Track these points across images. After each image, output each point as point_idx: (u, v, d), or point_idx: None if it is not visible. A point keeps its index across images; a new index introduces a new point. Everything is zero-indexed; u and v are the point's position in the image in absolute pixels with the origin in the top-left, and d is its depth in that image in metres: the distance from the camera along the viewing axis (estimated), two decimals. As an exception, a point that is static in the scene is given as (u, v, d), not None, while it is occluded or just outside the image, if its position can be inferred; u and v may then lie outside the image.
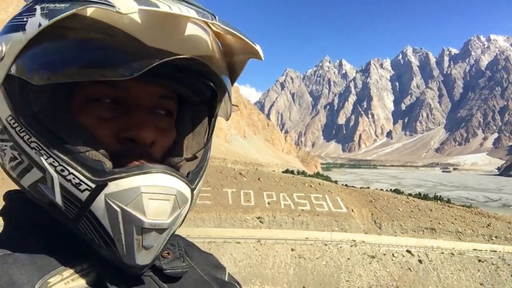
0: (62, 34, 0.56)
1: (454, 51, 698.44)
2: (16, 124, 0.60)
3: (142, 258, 0.59)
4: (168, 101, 0.70)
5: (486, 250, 31.00)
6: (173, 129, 0.72)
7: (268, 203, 35.07)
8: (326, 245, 30.43)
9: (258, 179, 39.68)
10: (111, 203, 0.56)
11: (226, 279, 0.88)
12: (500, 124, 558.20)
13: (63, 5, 0.54)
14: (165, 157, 0.70)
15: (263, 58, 0.69)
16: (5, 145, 0.62)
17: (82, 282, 0.59)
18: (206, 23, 0.63)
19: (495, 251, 30.83)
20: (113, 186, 0.56)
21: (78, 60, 0.55)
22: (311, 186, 39.46)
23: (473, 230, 33.36)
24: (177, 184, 0.60)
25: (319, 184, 41.09)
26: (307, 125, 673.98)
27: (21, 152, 0.60)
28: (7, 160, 0.63)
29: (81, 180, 0.57)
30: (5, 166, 0.65)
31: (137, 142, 0.62)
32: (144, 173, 0.57)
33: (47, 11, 0.55)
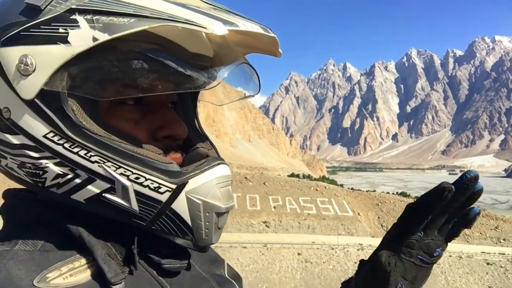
0: (111, 46, 0.56)
1: (459, 52, 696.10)
2: (62, 140, 0.59)
3: (216, 237, 0.68)
4: (173, 94, 0.73)
5: (495, 253, 30.74)
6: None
7: (274, 207, 35.05)
8: (332, 249, 30.31)
9: (264, 183, 39.67)
10: (192, 198, 0.62)
11: (226, 273, 0.89)
12: (506, 125, 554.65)
13: (125, 19, 0.54)
14: (186, 145, 0.74)
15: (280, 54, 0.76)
16: (46, 163, 0.61)
17: (80, 277, 0.59)
18: None
19: (503, 254, 30.55)
20: (192, 183, 0.62)
21: (143, 75, 0.58)
22: (317, 190, 39.40)
23: (481, 233, 33.14)
24: (229, 170, 0.69)
25: (325, 187, 41.03)
26: (312, 128, 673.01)
27: (75, 168, 0.60)
28: (49, 177, 0.62)
29: (160, 184, 0.60)
30: (45, 183, 0.63)
31: (175, 138, 0.68)
32: (212, 167, 0.65)
33: (101, 25, 0.54)
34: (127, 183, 0.60)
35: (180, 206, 0.62)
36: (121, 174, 0.59)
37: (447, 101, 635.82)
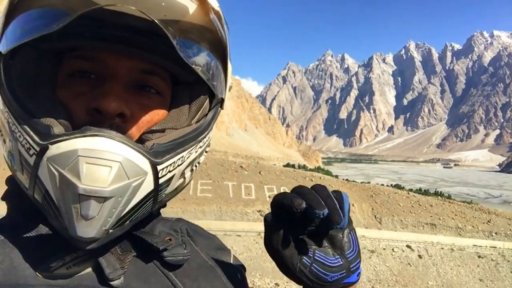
0: (27, 6, 0.58)
1: (457, 46, 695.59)
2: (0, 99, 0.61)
3: (83, 230, 0.54)
4: (154, 77, 0.67)
5: (486, 246, 31.02)
6: (163, 108, 0.69)
7: (269, 196, 35.10)
8: (326, 239, 30.48)
9: (259, 172, 39.73)
10: (51, 166, 0.53)
11: (232, 262, 0.87)
12: (502, 120, 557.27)
13: None
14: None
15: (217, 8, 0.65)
16: None
17: (84, 267, 0.58)
18: None
19: (495, 247, 30.84)
20: (54, 149, 0.53)
21: (25, 27, 0.57)
22: (312, 180, 39.49)
23: (473, 226, 33.41)
24: (124, 151, 0.54)
25: (320, 178, 41.16)
26: (308, 119, 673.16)
27: (1, 124, 0.62)
28: None
29: (30, 145, 0.55)
30: None
31: (102, 111, 0.60)
32: (85, 136, 0.53)
33: None
34: (13, 141, 0.58)
35: (44, 174, 0.54)
36: (13, 131, 0.57)
37: (444, 95, 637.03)
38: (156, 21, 0.57)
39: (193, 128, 0.68)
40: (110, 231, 0.57)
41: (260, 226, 31.07)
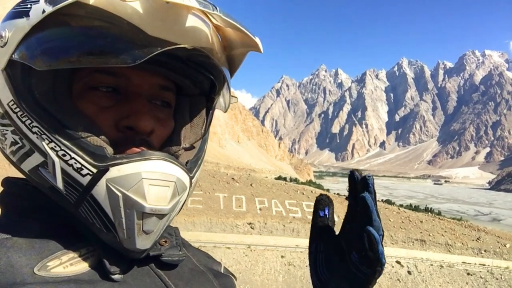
0: (65, 21, 0.56)
1: (449, 64, 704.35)
2: (17, 109, 0.60)
3: (142, 243, 0.60)
4: (167, 92, 0.71)
5: (475, 264, 31.04)
6: (171, 120, 0.73)
7: (260, 209, 34.98)
8: (316, 253, 30.33)
9: (251, 184, 39.61)
10: (112, 187, 0.56)
11: (222, 271, 0.89)
12: (492, 138, 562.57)
13: None
14: (163, 147, 0.70)
15: (262, 51, 0.70)
16: (6, 130, 0.63)
17: (81, 267, 0.59)
18: (206, 15, 0.64)
19: (484, 265, 30.88)
20: (114, 171, 0.57)
21: (79, 47, 0.56)
22: (303, 194, 39.45)
23: (462, 243, 33.47)
24: (176, 172, 0.61)
25: (311, 192, 41.10)
26: (301, 132, 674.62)
27: (22, 137, 0.60)
28: (7, 145, 0.64)
29: (82, 165, 0.57)
30: (6, 150, 0.65)
31: (137, 130, 0.63)
32: (145, 159, 0.58)
33: None
34: (55, 158, 0.58)
35: (100, 194, 0.58)
36: (52, 148, 0.58)
37: (435, 112, 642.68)
38: (214, 59, 0.65)
39: (204, 139, 0.76)
40: (156, 240, 0.64)
41: (250, 239, 31.02)
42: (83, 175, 0.57)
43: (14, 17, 0.60)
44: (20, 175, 0.68)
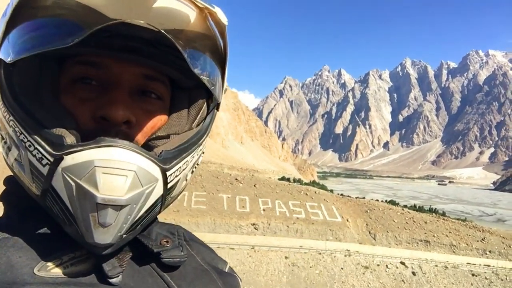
0: (33, 14, 0.58)
1: (453, 64, 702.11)
2: (2, 106, 0.61)
3: (101, 237, 0.57)
4: (155, 83, 0.69)
5: (480, 265, 30.95)
6: (164, 113, 0.71)
7: (263, 209, 34.99)
8: (320, 254, 30.32)
9: (254, 185, 39.62)
10: (67, 177, 0.55)
11: (226, 271, 0.87)
12: (497, 139, 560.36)
13: None
14: (149, 141, 0.68)
15: (226, 21, 0.67)
16: None
17: (81, 267, 0.59)
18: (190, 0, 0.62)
19: (488, 266, 30.79)
20: (69, 160, 0.55)
21: (34, 36, 0.57)
22: (306, 194, 39.42)
23: (467, 244, 33.36)
24: (138, 160, 0.57)
25: (315, 192, 41.06)
26: (304, 133, 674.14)
27: (5, 132, 0.62)
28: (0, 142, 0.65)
29: (43, 155, 0.56)
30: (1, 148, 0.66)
31: (109, 120, 0.61)
32: (99, 146, 0.55)
33: None
34: (23, 150, 0.58)
35: (58, 184, 0.56)
36: (21, 140, 0.58)
37: (439, 112, 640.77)
38: (165, 33, 0.59)
39: (195, 132, 0.71)
40: (124, 236, 0.59)
41: (254, 240, 30.99)
42: (43, 165, 0.56)
43: (1, 16, 0.62)
44: None
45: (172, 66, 0.69)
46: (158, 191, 0.61)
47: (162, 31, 0.59)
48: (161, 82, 0.70)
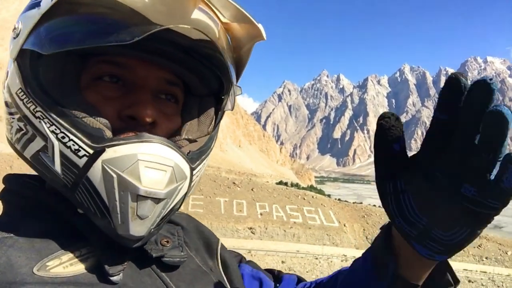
0: (72, 9, 0.58)
1: (451, 71, 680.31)
2: (24, 96, 0.61)
3: (136, 228, 0.58)
4: (174, 87, 0.71)
5: (476, 271, 30.89)
6: (178, 117, 0.73)
7: (261, 214, 34.96)
8: (316, 258, 30.27)
9: (252, 189, 39.60)
10: (107, 169, 0.56)
11: (219, 252, 0.88)
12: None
13: None
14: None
15: (265, 37, 0.70)
16: (13, 118, 0.64)
17: (81, 267, 0.59)
18: (214, 12, 0.65)
19: (485, 272, 30.72)
20: (110, 152, 0.56)
21: (81, 31, 0.58)
22: (304, 199, 39.42)
23: (463, 250, 32.53)
24: (175, 157, 0.60)
25: (312, 197, 41.07)
26: (302, 137, 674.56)
27: (26, 123, 0.61)
28: (13, 133, 0.64)
29: (80, 146, 0.57)
30: (12, 139, 0.66)
31: (138, 119, 0.63)
32: (142, 141, 0.57)
33: None
34: (55, 141, 0.58)
35: (95, 176, 0.57)
36: (52, 131, 0.58)
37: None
38: (215, 42, 0.63)
39: (210, 137, 0.74)
40: (152, 230, 0.61)
41: (251, 244, 30.93)
42: (80, 157, 0.57)
43: (28, 9, 0.63)
44: (22, 172, 0.70)
45: (194, 72, 0.71)
46: (185, 188, 0.64)
47: (213, 40, 0.62)
48: (179, 87, 0.72)
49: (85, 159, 0.57)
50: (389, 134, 0.54)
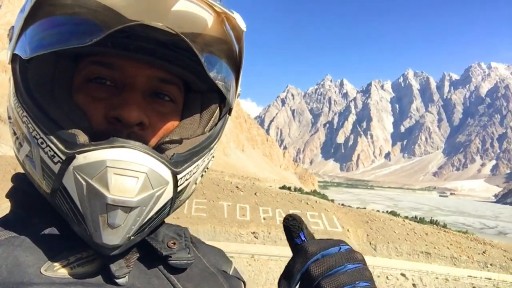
0: (51, 11, 0.58)
1: (455, 76, 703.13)
2: (15, 101, 0.61)
3: (109, 237, 0.56)
4: (169, 86, 0.69)
5: (481, 277, 30.67)
6: (176, 116, 0.71)
7: (264, 218, 34.86)
8: (320, 264, 30.10)
9: (255, 193, 39.52)
10: (78, 176, 0.54)
11: (231, 273, 0.86)
12: (498, 151, 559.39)
13: None
14: (161, 143, 0.67)
15: (244, 28, 0.68)
16: (10, 122, 0.65)
17: (88, 268, 0.58)
18: (208, 4, 0.62)
19: (489, 279, 30.51)
20: (81, 159, 0.54)
21: (53, 34, 0.57)
22: (307, 204, 39.30)
23: (468, 257, 33.14)
24: (149, 162, 0.57)
25: (316, 202, 40.94)
26: (306, 142, 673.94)
27: (17, 127, 0.62)
28: (11, 135, 0.65)
29: (55, 152, 0.56)
30: (12, 142, 0.66)
31: (123, 121, 0.61)
32: (112, 147, 0.55)
33: None
34: (35, 147, 0.58)
35: (69, 183, 0.55)
36: (33, 136, 0.58)
37: (441, 124, 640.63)
38: (183, 36, 0.59)
39: (207, 137, 0.71)
40: (132, 237, 0.59)
41: (254, 248, 30.87)
42: (55, 163, 0.56)
43: (19, 12, 0.63)
44: None
45: (187, 69, 0.69)
46: (168, 194, 0.61)
47: (180, 34, 0.59)
48: (175, 85, 0.70)
49: (59, 165, 0.56)
50: (288, 232, 0.66)
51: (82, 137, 0.57)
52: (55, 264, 0.56)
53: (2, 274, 0.52)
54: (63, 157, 0.55)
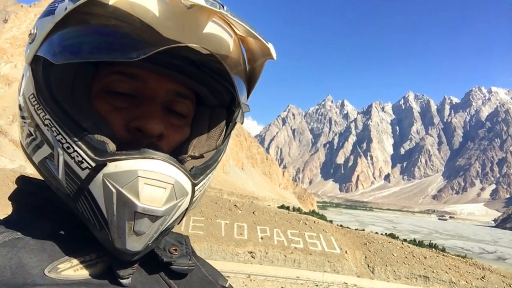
0: (85, 20, 0.59)
1: (455, 100, 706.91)
2: (35, 102, 0.62)
3: (132, 244, 0.59)
4: (184, 100, 0.71)
5: (480, 303, 30.35)
6: (187, 128, 0.74)
7: (261, 238, 34.66)
8: (317, 286, 29.80)
9: (253, 212, 39.36)
10: (108, 183, 0.56)
11: (227, 286, 0.88)
12: (498, 175, 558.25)
13: None
14: (173, 153, 0.68)
15: (275, 57, 0.70)
16: (25, 122, 0.65)
17: (91, 271, 0.59)
18: (229, 25, 0.66)
19: (488, 305, 30.18)
20: (111, 167, 0.57)
21: (90, 43, 0.58)
22: (305, 224, 39.09)
23: (467, 282, 32.80)
24: (176, 174, 0.60)
25: (314, 222, 40.73)
26: (305, 162, 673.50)
27: (36, 129, 0.62)
28: (24, 136, 0.66)
29: (83, 158, 0.58)
30: (23, 142, 0.67)
31: (145, 132, 0.63)
32: (144, 157, 0.57)
33: None
34: (60, 151, 0.59)
35: (96, 189, 0.58)
36: (58, 140, 0.59)
37: (441, 147, 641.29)
38: (219, 58, 0.62)
39: (218, 150, 0.75)
40: (149, 244, 0.62)
41: (250, 268, 30.58)
42: (83, 169, 0.58)
43: (44, 15, 0.64)
44: (35, 175, 0.70)
45: (203, 85, 0.71)
46: (185, 204, 0.64)
47: (216, 55, 0.61)
48: (189, 99, 0.73)
49: (87, 171, 0.58)
50: None
51: (111, 146, 0.59)
52: (59, 266, 0.57)
53: (6, 274, 0.53)
54: (93, 164, 0.57)
